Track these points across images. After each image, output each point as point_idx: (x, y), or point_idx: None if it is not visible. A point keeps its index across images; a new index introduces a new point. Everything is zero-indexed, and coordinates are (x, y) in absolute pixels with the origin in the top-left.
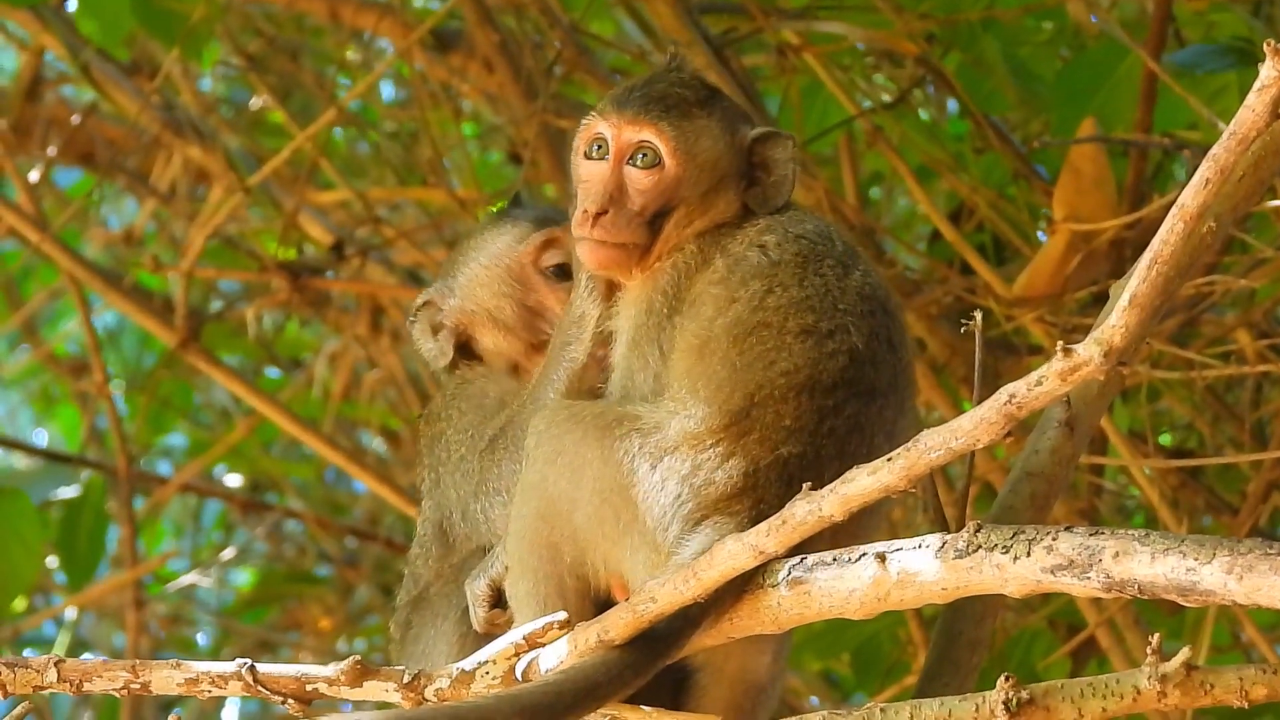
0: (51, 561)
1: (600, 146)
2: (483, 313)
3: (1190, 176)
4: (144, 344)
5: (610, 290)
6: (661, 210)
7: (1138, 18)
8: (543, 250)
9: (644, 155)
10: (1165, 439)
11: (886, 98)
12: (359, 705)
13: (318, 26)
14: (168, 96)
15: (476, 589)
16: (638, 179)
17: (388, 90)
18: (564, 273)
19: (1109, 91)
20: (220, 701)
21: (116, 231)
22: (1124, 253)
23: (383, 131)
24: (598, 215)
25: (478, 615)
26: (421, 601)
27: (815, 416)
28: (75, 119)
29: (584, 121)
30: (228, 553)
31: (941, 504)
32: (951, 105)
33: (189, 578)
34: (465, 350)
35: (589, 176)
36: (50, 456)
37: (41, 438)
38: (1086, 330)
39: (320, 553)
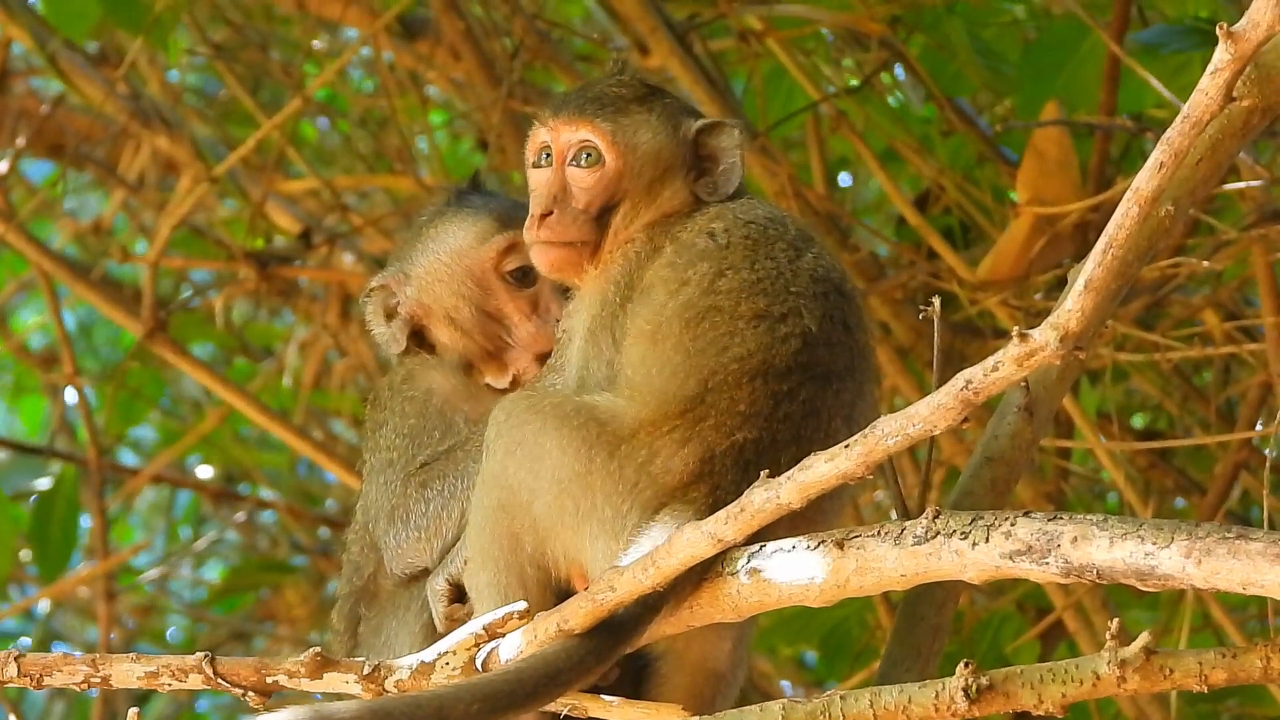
0: (24, 554)
1: (546, 154)
2: (439, 309)
3: None
4: (114, 335)
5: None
6: (607, 206)
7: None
8: (505, 255)
9: (586, 154)
10: (1137, 420)
11: (853, 81)
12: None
13: (285, 15)
14: (135, 86)
15: (436, 585)
16: (580, 177)
17: (356, 77)
18: (525, 277)
19: (1073, 70)
20: (193, 694)
21: (85, 222)
22: (1088, 236)
23: (351, 120)
24: (543, 217)
25: (438, 610)
26: (372, 594)
27: (770, 401)
28: (44, 110)
29: (529, 133)
30: (200, 544)
31: (901, 490)
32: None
33: (161, 569)
34: (418, 337)
35: (536, 184)
36: (20, 448)
37: (10, 429)
38: (1050, 314)
39: (293, 543)
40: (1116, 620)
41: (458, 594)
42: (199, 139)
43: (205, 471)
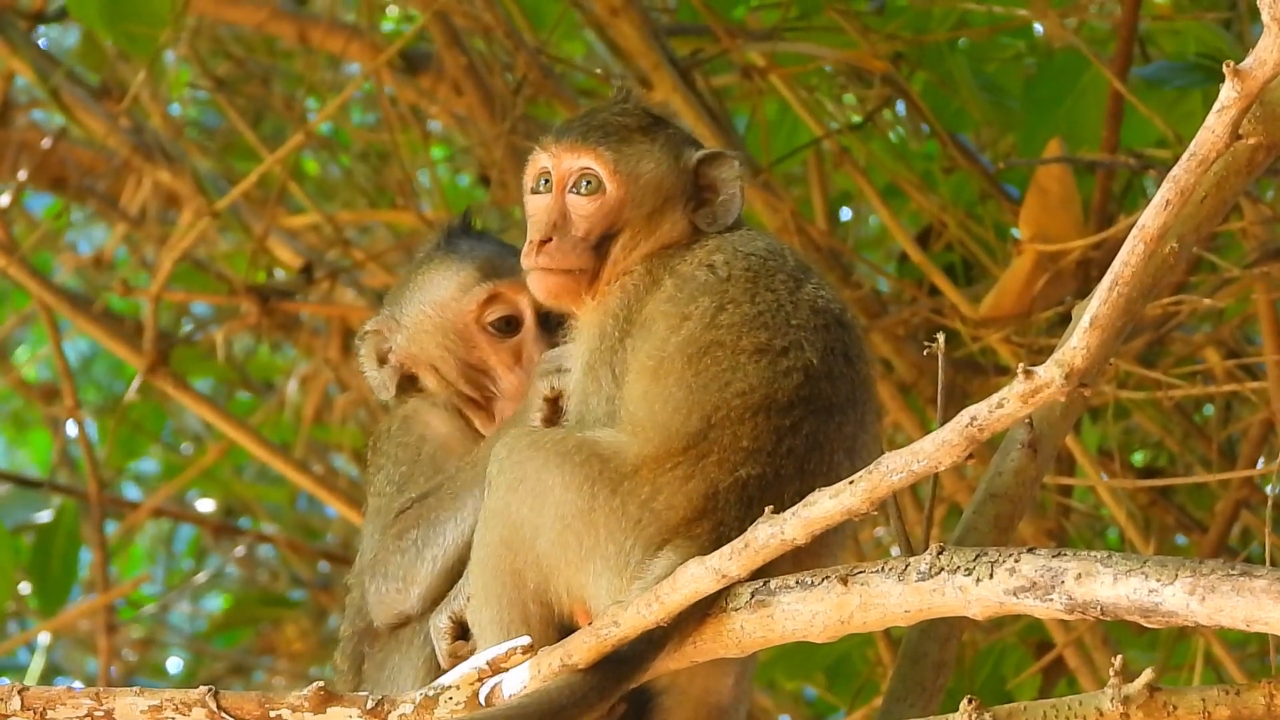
0: (24, 588)
1: (546, 180)
2: (425, 359)
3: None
4: (116, 369)
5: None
6: (606, 234)
7: (1108, 35)
8: (486, 306)
9: (587, 182)
10: (1137, 458)
11: (856, 118)
12: None
13: (287, 49)
14: (137, 120)
15: (439, 623)
16: (580, 205)
17: (358, 113)
18: (510, 325)
19: (1074, 104)
20: None
21: (87, 256)
22: (1090, 273)
23: (352, 154)
24: (542, 243)
25: (441, 648)
26: (376, 632)
27: (773, 437)
28: (46, 143)
29: (529, 158)
30: (200, 577)
31: (904, 526)
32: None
33: (162, 603)
34: (412, 379)
35: (534, 210)
36: (21, 482)
37: (15, 463)
38: (1053, 350)
39: (293, 577)
40: (1120, 657)
41: (461, 631)
42: (201, 173)
43: (206, 505)
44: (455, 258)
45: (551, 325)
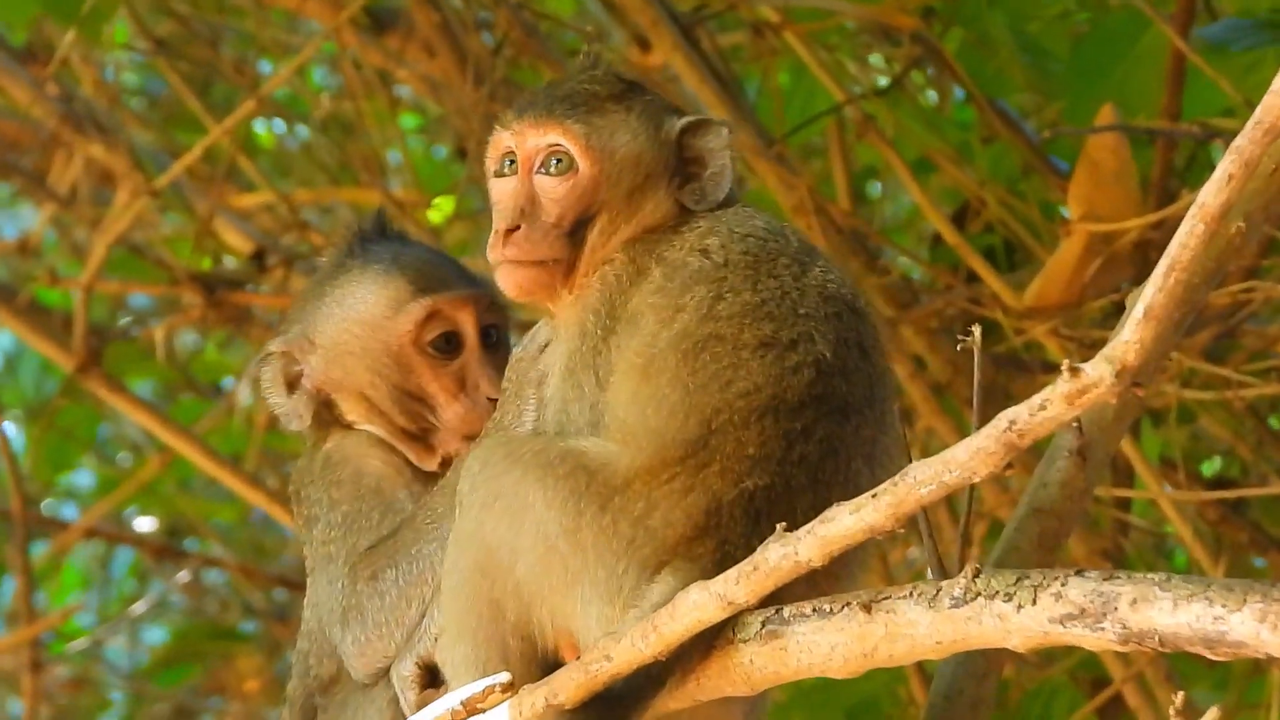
0: None
1: (510, 161)
2: (350, 385)
3: None
4: (44, 369)
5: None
6: (581, 219)
7: None
8: (424, 325)
9: (556, 161)
10: (1205, 467)
11: (882, 81)
12: None
13: (238, 6)
14: (67, 87)
15: (403, 670)
16: (550, 187)
17: (318, 76)
18: (449, 346)
19: (1129, 69)
20: None
21: (10, 240)
22: (1149, 256)
23: (311, 124)
24: (509, 232)
25: (407, 699)
26: (329, 681)
27: (782, 442)
28: None
29: (490, 138)
30: (140, 606)
31: (936, 545)
32: (956, 91)
33: (96, 635)
34: (329, 406)
35: (499, 195)
36: None
37: None
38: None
39: (245, 606)
40: (1181, 694)
41: (430, 677)
42: (139, 146)
43: (146, 524)
44: (379, 268)
45: (493, 343)
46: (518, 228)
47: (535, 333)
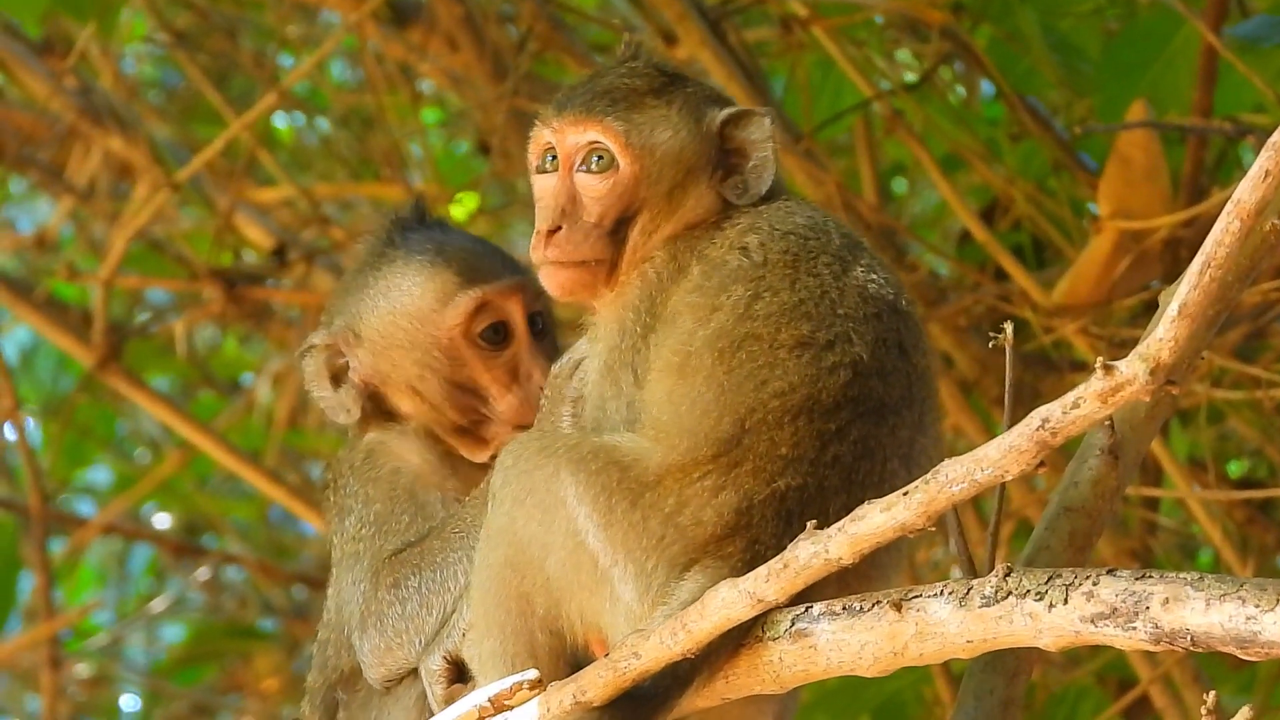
0: None
1: (551, 157)
2: (399, 378)
3: None
4: (62, 364)
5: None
6: (623, 217)
7: None
8: (474, 317)
9: (597, 159)
10: (1234, 467)
11: (910, 77)
12: None
13: None
14: (85, 80)
15: (431, 665)
16: (591, 185)
17: (338, 71)
18: (499, 336)
19: (1162, 67)
20: None
21: (27, 235)
22: (1179, 254)
23: (332, 118)
24: (550, 233)
25: (435, 694)
26: (351, 676)
27: (816, 443)
28: None
29: (531, 133)
30: (158, 603)
31: (966, 544)
32: (985, 87)
33: (114, 632)
34: (375, 399)
35: (541, 192)
36: None
37: None
38: (1137, 343)
39: (264, 603)
40: (1213, 694)
41: (457, 672)
42: (158, 140)
43: (164, 521)
44: (423, 259)
45: (539, 330)
46: (559, 228)
47: (573, 350)
